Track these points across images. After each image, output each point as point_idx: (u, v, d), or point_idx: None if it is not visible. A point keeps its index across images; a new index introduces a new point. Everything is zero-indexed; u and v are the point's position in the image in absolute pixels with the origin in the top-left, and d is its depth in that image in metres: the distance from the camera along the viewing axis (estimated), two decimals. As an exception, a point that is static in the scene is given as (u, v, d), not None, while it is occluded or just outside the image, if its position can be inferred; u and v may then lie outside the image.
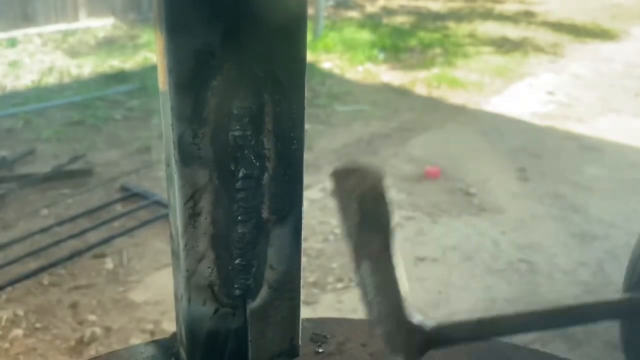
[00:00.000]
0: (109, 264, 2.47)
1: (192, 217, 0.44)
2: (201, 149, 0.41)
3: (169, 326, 2.11)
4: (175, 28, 0.35)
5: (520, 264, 2.57)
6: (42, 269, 2.38)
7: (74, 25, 6.15)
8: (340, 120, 4.18)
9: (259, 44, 0.38)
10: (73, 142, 3.63)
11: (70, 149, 3.51)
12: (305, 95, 0.41)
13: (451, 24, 7.41)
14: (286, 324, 0.51)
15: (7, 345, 2.01)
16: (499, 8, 8.78)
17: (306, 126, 0.42)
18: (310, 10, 0.38)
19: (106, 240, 2.59)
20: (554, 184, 3.30)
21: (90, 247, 2.54)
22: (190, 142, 0.40)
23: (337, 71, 5.31)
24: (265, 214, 0.46)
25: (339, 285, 2.40)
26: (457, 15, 8.03)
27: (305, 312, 0.49)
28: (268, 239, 0.47)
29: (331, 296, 2.33)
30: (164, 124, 0.42)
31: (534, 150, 3.67)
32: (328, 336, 0.54)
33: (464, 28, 7.26)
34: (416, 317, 0.40)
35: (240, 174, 0.43)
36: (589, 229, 2.86)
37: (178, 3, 0.35)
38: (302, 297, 0.50)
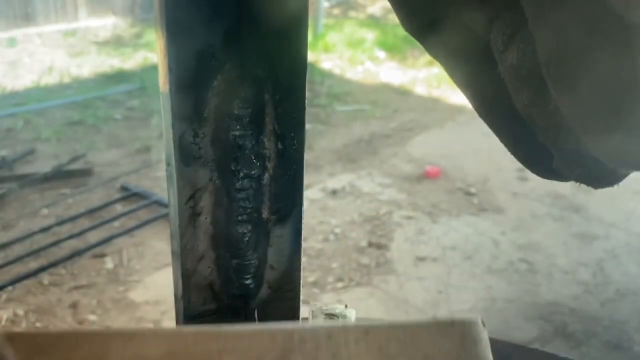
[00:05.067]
0: (109, 263, 2.47)
1: (192, 217, 0.44)
2: (201, 149, 0.41)
3: (169, 326, 2.11)
4: (176, 28, 0.35)
5: (520, 264, 2.57)
6: (42, 269, 2.38)
7: (73, 25, 6.15)
8: (340, 120, 4.19)
9: (260, 44, 0.38)
10: (73, 142, 3.63)
11: (70, 149, 3.51)
12: (306, 95, 0.41)
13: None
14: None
15: (7, 344, 2.01)
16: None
17: (306, 126, 0.42)
18: (310, 10, 0.38)
19: (106, 240, 2.59)
20: (553, 184, 3.30)
21: (90, 247, 2.54)
22: (191, 142, 0.40)
23: (337, 71, 5.31)
24: (265, 214, 0.46)
25: (339, 284, 2.40)
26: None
27: (305, 312, 0.49)
28: (268, 239, 0.47)
29: (331, 296, 2.33)
30: (164, 124, 0.42)
31: (534, 150, 3.67)
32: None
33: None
34: None
35: (241, 174, 0.43)
36: (588, 229, 2.87)
37: (179, 3, 0.35)
38: (302, 297, 0.50)
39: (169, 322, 2.13)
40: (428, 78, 5.15)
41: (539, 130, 0.27)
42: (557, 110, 0.25)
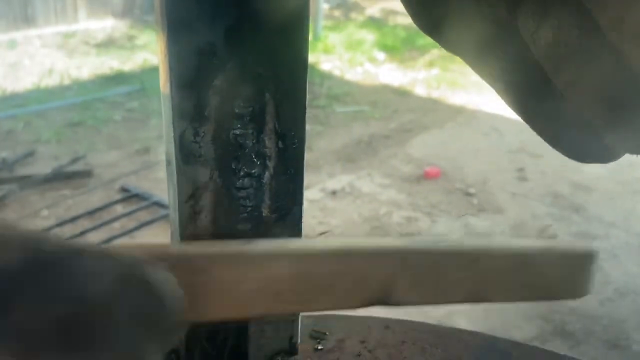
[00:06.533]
0: (109, 264, 2.47)
1: (192, 215, 0.44)
2: (202, 147, 0.41)
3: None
4: (177, 26, 0.36)
5: (520, 264, 2.58)
6: (43, 270, 2.38)
7: (73, 27, 6.15)
8: (339, 121, 4.19)
9: (262, 43, 0.38)
10: (73, 143, 3.64)
11: (70, 150, 3.51)
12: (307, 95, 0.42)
13: (450, 25, 7.40)
14: (285, 322, 0.51)
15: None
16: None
17: (306, 127, 0.43)
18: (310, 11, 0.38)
19: (106, 241, 2.59)
20: (553, 183, 3.31)
21: (90, 248, 2.54)
22: (192, 140, 0.40)
23: (336, 72, 5.32)
24: (265, 213, 0.46)
25: (339, 285, 2.40)
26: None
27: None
28: (269, 237, 0.47)
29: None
30: (165, 122, 0.42)
31: (533, 150, 3.67)
32: (327, 333, 0.55)
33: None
34: None
35: (241, 173, 0.43)
36: (588, 229, 2.87)
37: (180, 1, 0.35)
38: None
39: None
40: (427, 79, 5.15)
41: (587, 106, 0.26)
42: (618, 75, 0.24)
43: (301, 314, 0.51)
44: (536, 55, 0.26)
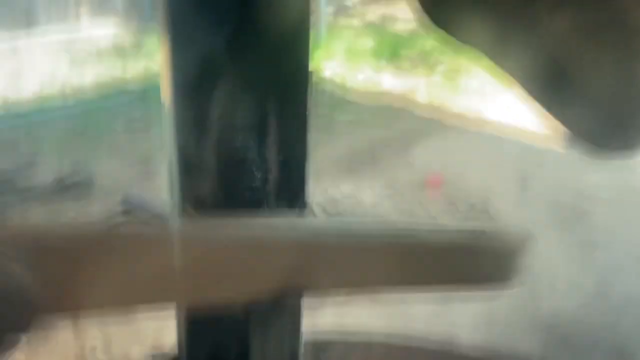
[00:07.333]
0: (109, 274, 2.46)
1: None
2: (204, 158, 0.40)
3: (170, 337, 2.10)
4: (180, 37, 0.36)
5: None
6: (43, 280, 2.38)
7: (75, 35, 6.18)
8: (340, 128, 4.19)
9: (264, 52, 0.38)
10: (74, 153, 3.64)
11: (71, 160, 3.51)
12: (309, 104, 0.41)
13: (451, 34, 7.41)
14: (288, 335, 0.51)
15: (7, 356, 2.00)
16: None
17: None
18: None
19: (107, 251, 2.59)
20: (555, 192, 3.30)
21: (91, 258, 2.53)
22: (193, 151, 0.40)
23: (337, 79, 5.32)
24: (267, 224, 0.45)
25: (340, 297, 2.39)
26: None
27: (306, 318, 0.49)
28: (270, 249, 0.47)
29: (331, 309, 2.32)
30: (166, 133, 0.42)
31: (536, 159, 3.67)
32: (330, 346, 0.54)
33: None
34: None
35: (243, 184, 0.42)
36: (591, 238, 2.86)
37: (182, 12, 0.35)
38: (303, 305, 0.50)
39: (170, 334, 2.12)
40: (429, 86, 5.16)
41: (610, 90, 0.25)
42: None
43: (303, 327, 0.50)
44: (554, 42, 0.26)
